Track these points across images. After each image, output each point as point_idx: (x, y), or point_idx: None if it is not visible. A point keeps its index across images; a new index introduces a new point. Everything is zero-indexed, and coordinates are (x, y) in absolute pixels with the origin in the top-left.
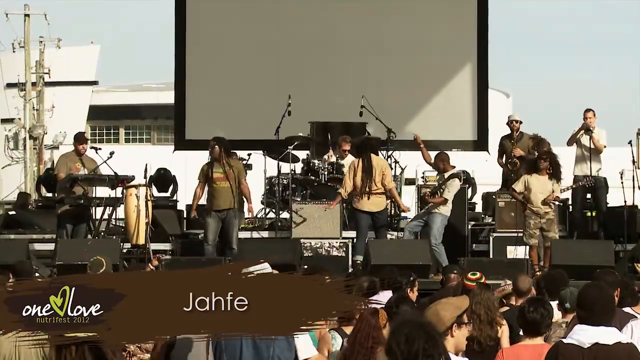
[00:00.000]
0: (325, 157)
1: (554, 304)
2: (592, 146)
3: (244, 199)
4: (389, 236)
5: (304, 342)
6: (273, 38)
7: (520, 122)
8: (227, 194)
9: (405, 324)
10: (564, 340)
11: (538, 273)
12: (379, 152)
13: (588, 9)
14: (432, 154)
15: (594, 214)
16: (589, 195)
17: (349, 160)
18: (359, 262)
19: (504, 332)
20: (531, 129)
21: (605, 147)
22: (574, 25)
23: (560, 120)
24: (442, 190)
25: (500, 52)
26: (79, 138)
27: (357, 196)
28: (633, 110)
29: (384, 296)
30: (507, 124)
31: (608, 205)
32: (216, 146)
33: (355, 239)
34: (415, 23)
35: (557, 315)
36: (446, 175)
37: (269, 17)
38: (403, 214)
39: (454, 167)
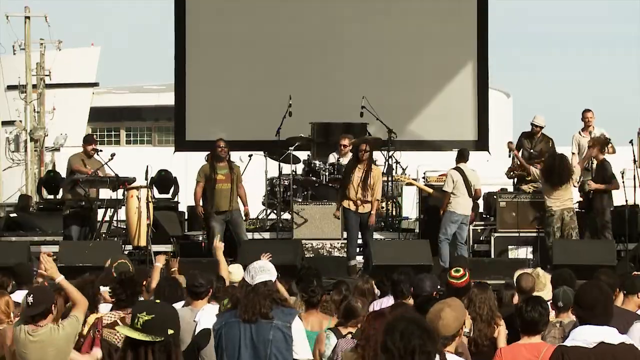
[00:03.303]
0: (331, 157)
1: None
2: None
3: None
4: (390, 237)
5: (299, 343)
6: (273, 39)
7: (542, 127)
8: (227, 195)
9: (400, 320)
10: (567, 344)
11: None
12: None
13: (588, 9)
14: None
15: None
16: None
17: (349, 157)
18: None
19: (500, 332)
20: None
21: (612, 146)
22: (573, 25)
23: (561, 119)
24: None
25: (500, 52)
26: (88, 140)
27: None
28: (634, 110)
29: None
30: (530, 124)
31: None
32: (226, 147)
33: None
34: (415, 23)
35: (551, 314)
36: None
37: (269, 19)
38: (404, 215)
39: (460, 162)
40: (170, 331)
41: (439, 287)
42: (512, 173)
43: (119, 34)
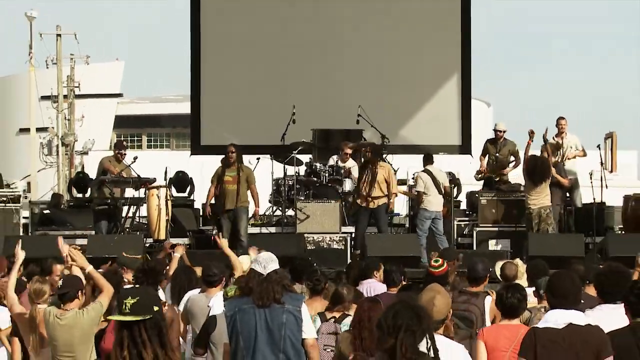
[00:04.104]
0: (331, 160)
1: (531, 290)
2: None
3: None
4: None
5: (306, 324)
6: (278, 56)
7: (504, 131)
8: (233, 195)
9: (397, 303)
10: (539, 326)
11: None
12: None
13: (588, 9)
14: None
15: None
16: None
17: (350, 163)
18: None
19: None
20: (512, 134)
21: (583, 150)
22: (573, 25)
23: (541, 124)
24: None
25: (482, 64)
26: (117, 145)
27: None
28: (601, 117)
29: (368, 283)
30: (493, 130)
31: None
32: (234, 152)
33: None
34: (407, 40)
35: (533, 300)
36: None
37: (276, 36)
38: (395, 211)
39: (427, 164)
40: (156, 308)
41: (490, 269)
42: (479, 175)
43: (140, 49)
